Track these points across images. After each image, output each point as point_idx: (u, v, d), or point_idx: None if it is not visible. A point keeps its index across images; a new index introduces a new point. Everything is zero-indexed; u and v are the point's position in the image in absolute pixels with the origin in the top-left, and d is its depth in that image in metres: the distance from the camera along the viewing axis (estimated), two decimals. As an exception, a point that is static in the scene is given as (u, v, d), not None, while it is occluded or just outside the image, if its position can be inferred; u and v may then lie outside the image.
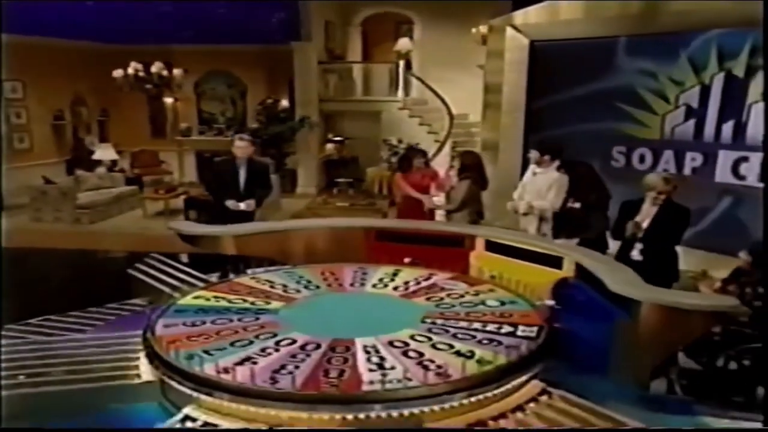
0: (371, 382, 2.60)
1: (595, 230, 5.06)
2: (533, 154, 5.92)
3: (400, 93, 13.35)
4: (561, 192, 5.58)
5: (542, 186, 5.78)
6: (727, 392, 3.96)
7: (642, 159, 7.33)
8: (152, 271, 4.26)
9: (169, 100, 15.36)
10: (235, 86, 15.32)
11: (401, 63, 13.49)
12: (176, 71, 11.96)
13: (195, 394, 2.67)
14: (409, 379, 2.61)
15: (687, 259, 5.41)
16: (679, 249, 5.05)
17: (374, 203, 11.66)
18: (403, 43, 15.48)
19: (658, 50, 7.05)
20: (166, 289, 3.96)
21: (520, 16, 8.07)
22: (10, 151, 11.91)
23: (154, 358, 2.93)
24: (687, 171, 7.00)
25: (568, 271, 3.94)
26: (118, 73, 11.34)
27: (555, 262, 4.05)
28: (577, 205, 5.21)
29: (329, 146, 14.40)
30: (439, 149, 11.11)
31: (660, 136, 7.21)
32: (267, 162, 7.29)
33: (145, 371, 2.96)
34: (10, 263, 6.40)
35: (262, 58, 14.76)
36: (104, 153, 11.64)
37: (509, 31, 7.98)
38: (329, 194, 13.05)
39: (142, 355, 3.04)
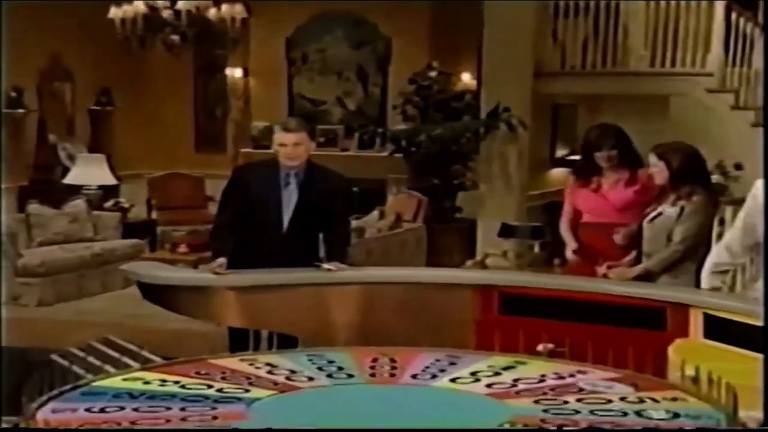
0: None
1: None
2: None
3: (715, 60, 13.87)
4: None
5: None
6: None
7: None
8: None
9: (235, 73, 17.10)
10: (368, 45, 16.87)
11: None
12: (229, 8, 13.25)
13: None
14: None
15: None
16: None
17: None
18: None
19: None
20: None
21: None
22: None
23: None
24: None
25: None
26: (115, 12, 12.72)
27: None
28: None
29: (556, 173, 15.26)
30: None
31: None
32: (342, 178, 7.72)
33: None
34: None
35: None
36: (86, 173, 13.12)
37: None
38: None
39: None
